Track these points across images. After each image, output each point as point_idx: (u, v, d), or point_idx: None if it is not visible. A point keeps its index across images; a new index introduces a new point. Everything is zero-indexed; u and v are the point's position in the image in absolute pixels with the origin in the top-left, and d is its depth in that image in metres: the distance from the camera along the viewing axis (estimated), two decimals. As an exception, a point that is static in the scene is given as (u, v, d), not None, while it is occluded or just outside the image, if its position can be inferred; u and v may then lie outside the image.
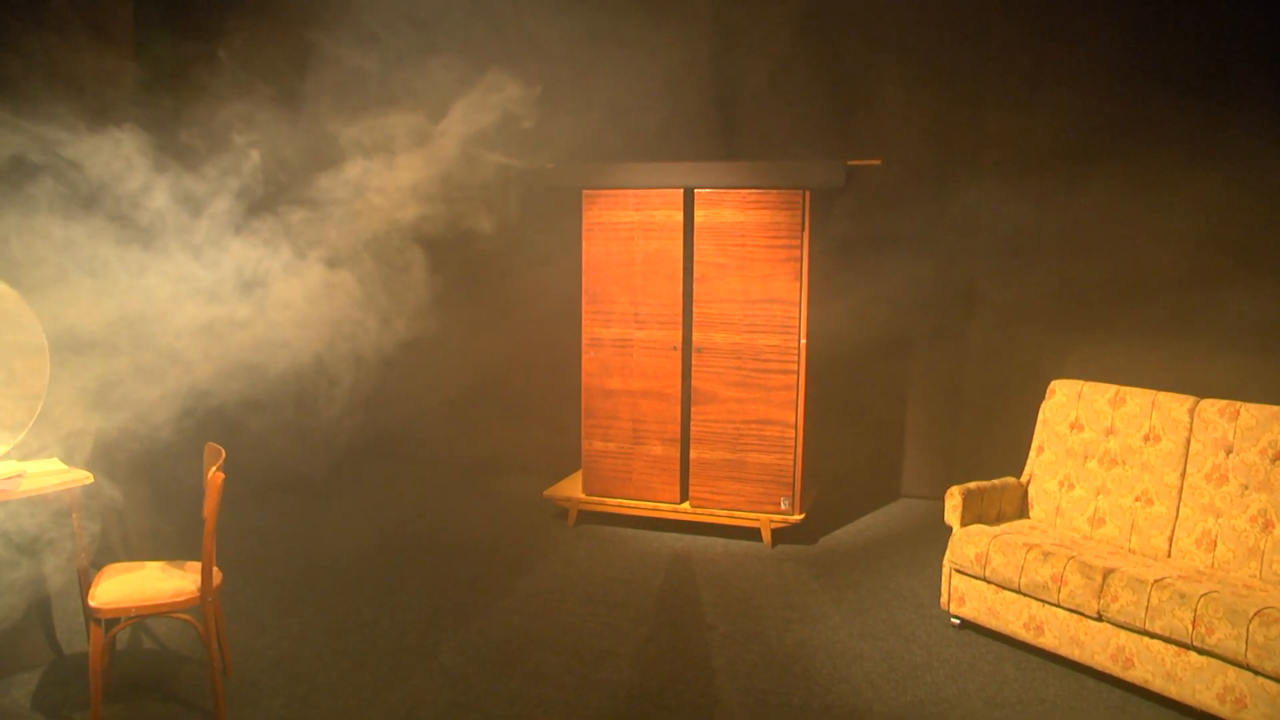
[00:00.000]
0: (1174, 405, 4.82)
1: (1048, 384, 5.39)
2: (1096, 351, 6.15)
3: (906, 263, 6.72)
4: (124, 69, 5.27)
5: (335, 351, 5.03)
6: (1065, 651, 4.45)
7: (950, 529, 5.02)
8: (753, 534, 6.27)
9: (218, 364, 4.54)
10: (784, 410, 6.05)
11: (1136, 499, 4.83)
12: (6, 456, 4.39)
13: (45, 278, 4.33)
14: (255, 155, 4.63)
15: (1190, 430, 4.74)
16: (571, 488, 6.67)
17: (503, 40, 6.32)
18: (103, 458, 4.60)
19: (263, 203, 4.73)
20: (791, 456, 6.07)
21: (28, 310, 4.41)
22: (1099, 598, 4.27)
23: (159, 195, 4.42)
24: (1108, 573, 4.29)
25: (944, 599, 4.98)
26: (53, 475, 4.24)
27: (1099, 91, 6.15)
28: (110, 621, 3.90)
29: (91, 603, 3.85)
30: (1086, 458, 5.10)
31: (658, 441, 6.35)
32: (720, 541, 6.21)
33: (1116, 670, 4.25)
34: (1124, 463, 4.94)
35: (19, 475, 4.18)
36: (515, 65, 5.31)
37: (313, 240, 4.86)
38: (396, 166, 5.08)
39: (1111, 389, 5.10)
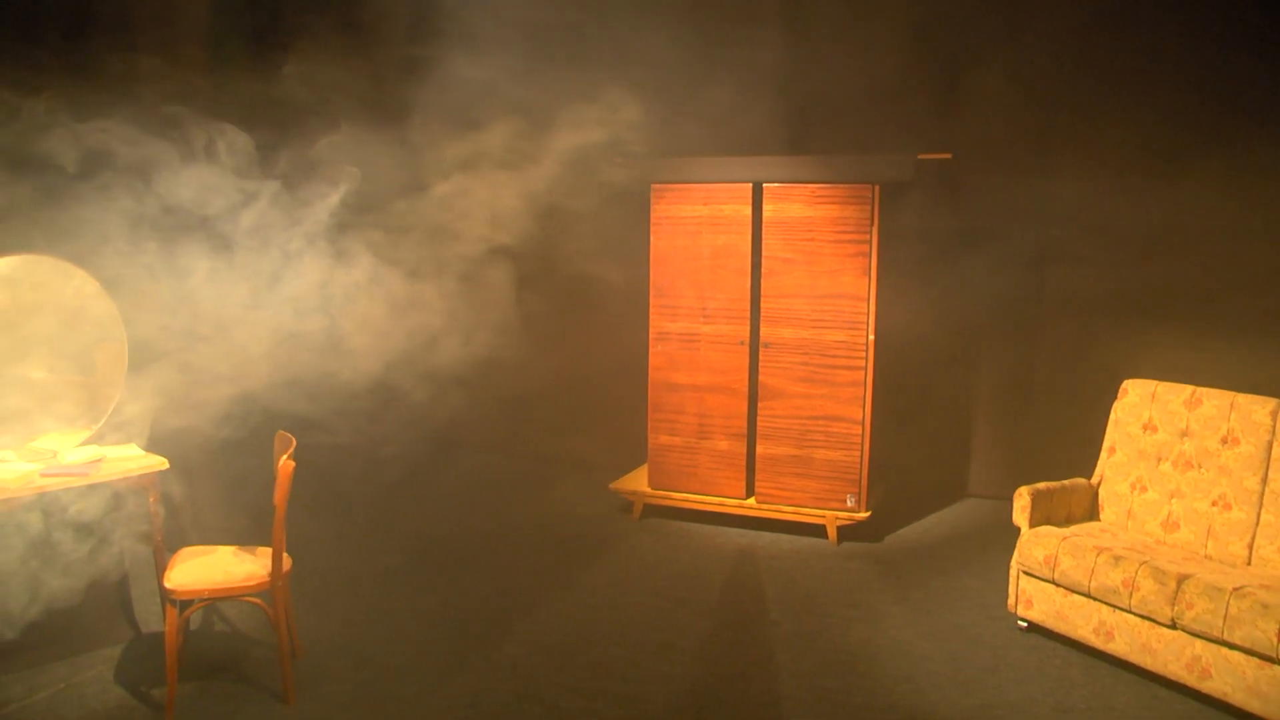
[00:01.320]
0: (1254, 407, 4.67)
1: (1120, 383, 5.26)
2: (1172, 352, 5.97)
3: (978, 258, 6.58)
4: (201, 84, 5.41)
5: (410, 359, 5.12)
6: (1136, 659, 4.34)
7: (1018, 530, 4.94)
8: (818, 531, 6.23)
9: (299, 365, 4.66)
10: (851, 406, 6.00)
11: (1213, 503, 4.70)
12: (87, 442, 4.54)
13: (130, 280, 4.48)
14: (347, 171, 4.74)
15: (1273, 433, 4.59)
16: (637, 481, 6.69)
17: (581, 43, 6.36)
18: (177, 447, 4.72)
19: (348, 216, 4.84)
20: (858, 453, 6.01)
21: (109, 303, 4.56)
22: (1173, 604, 4.15)
23: (256, 208, 4.57)
24: (1182, 579, 4.18)
25: (1011, 601, 4.89)
26: (130, 460, 4.39)
27: (1191, 85, 5.93)
28: (184, 603, 4.01)
29: (167, 584, 3.97)
30: (1160, 460, 4.96)
31: (724, 436, 6.34)
32: (785, 538, 6.18)
33: (1192, 681, 4.13)
34: (1200, 466, 4.80)
35: (99, 459, 4.33)
36: (595, 67, 5.33)
37: (392, 256, 4.95)
38: (473, 177, 5.14)
39: (1187, 389, 4.96)
